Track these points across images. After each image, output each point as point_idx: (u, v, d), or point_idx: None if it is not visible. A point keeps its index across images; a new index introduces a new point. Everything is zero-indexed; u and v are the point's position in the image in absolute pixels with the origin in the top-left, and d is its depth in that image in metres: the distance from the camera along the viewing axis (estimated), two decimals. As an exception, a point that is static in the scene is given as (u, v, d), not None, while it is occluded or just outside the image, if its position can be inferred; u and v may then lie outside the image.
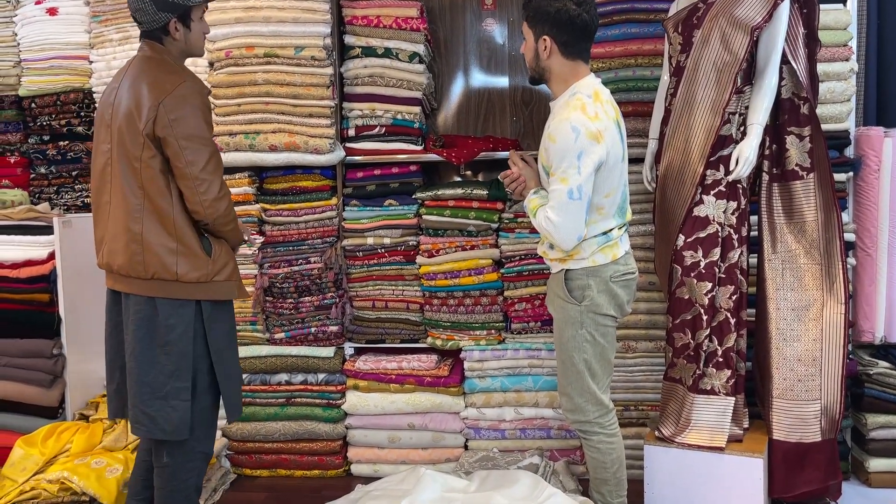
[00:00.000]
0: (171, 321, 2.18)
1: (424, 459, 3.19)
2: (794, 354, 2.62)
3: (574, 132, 2.13)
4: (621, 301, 2.33)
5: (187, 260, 2.17)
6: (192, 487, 2.29)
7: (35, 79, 3.36)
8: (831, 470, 2.64)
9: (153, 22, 2.19)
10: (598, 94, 2.22)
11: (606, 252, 2.28)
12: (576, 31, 2.21)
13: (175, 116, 2.11)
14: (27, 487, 2.75)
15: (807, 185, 2.62)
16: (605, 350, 2.36)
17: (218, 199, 2.17)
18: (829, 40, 2.89)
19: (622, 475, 2.44)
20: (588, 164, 2.14)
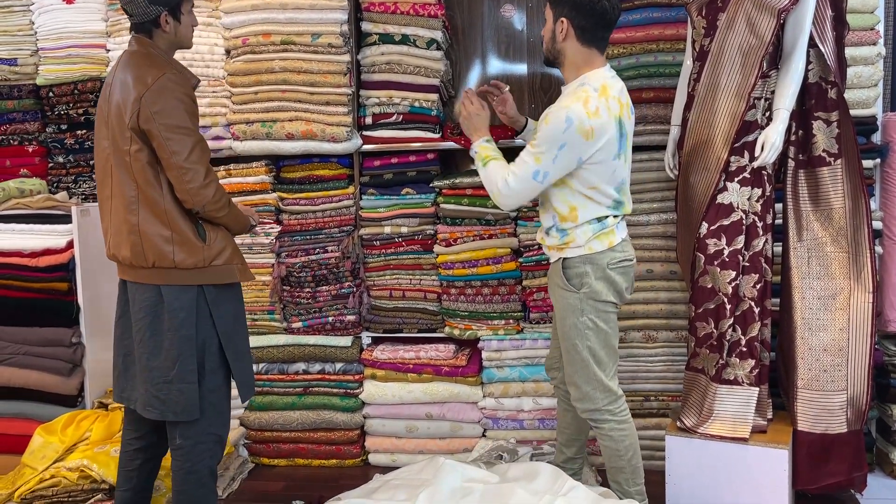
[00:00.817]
0: (175, 306, 2.24)
1: (442, 449, 3.17)
2: (820, 344, 2.57)
3: (567, 123, 2.14)
4: (620, 287, 2.33)
5: (183, 247, 2.24)
6: (206, 470, 2.33)
7: (52, 67, 3.35)
8: (857, 462, 2.59)
9: (144, 15, 2.25)
10: (606, 89, 2.20)
11: (602, 239, 2.29)
12: (595, 16, 2.20)
13: (157, 109, 2.17)
14: (47, 475, 2.76)
15: (834, 172, 2.56)
16: (608, 336, 2.35)
17: (203, 186, 2.20)
18: (856, 24, 2.82)
19: (637, 462, 2.42)
20: (566, 157, 2.17)
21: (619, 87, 2.28)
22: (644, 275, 3.04)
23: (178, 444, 2.32)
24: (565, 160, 2.17)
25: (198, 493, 2.33)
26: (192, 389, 2.26)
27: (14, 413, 3.09)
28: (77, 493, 2.73)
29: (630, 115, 2.31)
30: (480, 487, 2.20)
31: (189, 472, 2.31)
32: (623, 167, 2.30)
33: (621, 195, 2.32)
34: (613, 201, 2.29)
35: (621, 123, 2.23)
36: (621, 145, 2.25)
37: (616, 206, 2.31)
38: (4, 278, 3.10)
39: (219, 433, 2.36)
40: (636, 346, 3.06)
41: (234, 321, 2.36)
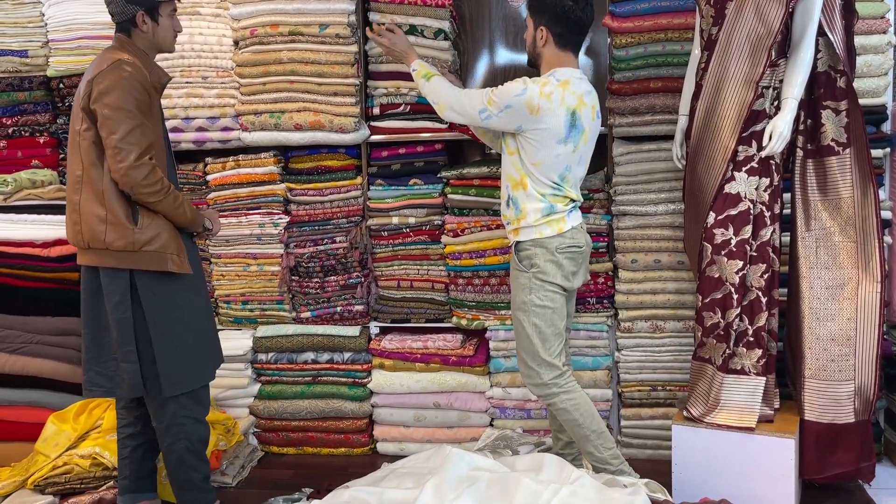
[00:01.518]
0: (111, 289, 2.32)
1: (450, 438, 3.19)
2: (828, 334, 2.57)
3: (520, 91, 2.35)
4: (567, 271, 2.47)
5: (114, 228, 2.29)
6: (184, 449, 2.44)
7: (63, 59, 3.37)
8: (864, 452, 2.59)
9: (122, 14, 2.34)
10: (568, 83, 2.38)
11: (553, 225, 2.45)
12: (570, 24, 2.41)
13: (104, 89, 2.24)
14: (60, 462, 2.80)
15: (843, 161, 2.55)
16: (552, 316, 2.48)
17: (133, 167, 2.23)
18: (866, 12, 2.81)
19: (599, 427, 2.51)
20: (508, 117, 2.38)
21: (585, 89, 2.44)
22: (651, 265, 3.04)
23: (154, 426, 2.47)
24: (506, 119, 2.39)
25: (178, 471, 2.47)
26: (133, 370, 2.34)
27: (27, 401, 3.12)
28: (89, 480, 2.77)
29: (594, 116, 2.48)
30: (487, 476, 2.22)
31: (167, 450, 2.46)
32: (570, 157, 2.43)
33: (564, 183, 2.45)
34: (554, 184, 2.44)
35: (574, 115, 2.38)
36: (571, 135, 2.40)
37: (558, 189, 2.45)
38: (17, 268, 3.13)
39: (192, 414, 2.46)
40: (643, 335, 3.06)
41: (168, 312, 2.36)
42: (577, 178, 2.52)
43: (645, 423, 3.09)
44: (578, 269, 2.53)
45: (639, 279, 3.05)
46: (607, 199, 3.10)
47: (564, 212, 2.47)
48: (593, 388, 3.10)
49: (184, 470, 2.48)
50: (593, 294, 3.11)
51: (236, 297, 3.33)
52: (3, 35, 3.39)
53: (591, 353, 3.12)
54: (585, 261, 2.57)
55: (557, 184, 2.45)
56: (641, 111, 2.99)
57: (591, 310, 3.12)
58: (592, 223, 3.08)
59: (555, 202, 2.45)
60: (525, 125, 2.39)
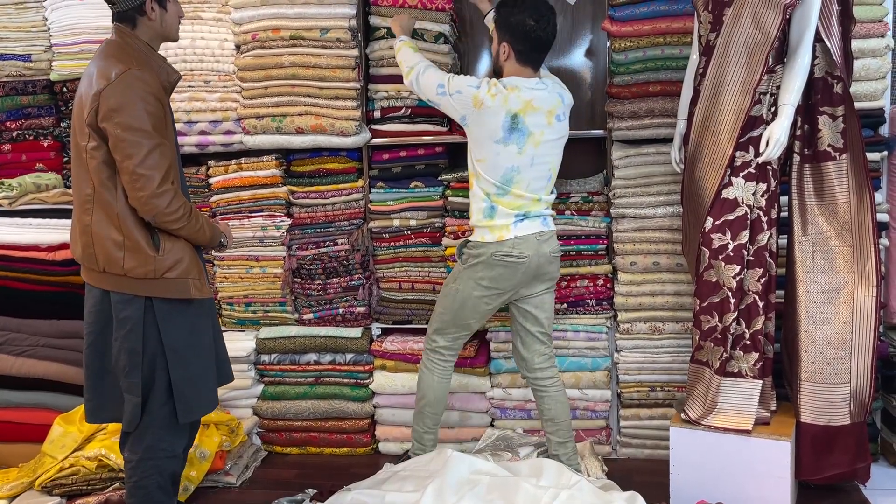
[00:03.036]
0: (122, 316, 2.14)
1: (451, 438, 3.23)
2: (824, 337, 2.60)
3: (475, 82, 2.51)
4: (496, 276, 2.57)
5: (134, 255, 2.11)
6: (154, 485, 2.26)
7: (66, 63, 3.39)
8: (860, 453, 2.62)
9: (129, 1, 2.14)
10: (516, 88, 2.49)
11: (494, 232, 2.56)
12: (529, 42, 2.51)
13: (115, 106, 2.03)
14: (66, 464, 2.84)
15: (839, 167, 2.57)
16: (462, 308, 2.64)
17: (156, 195, 2.06)
18: (865, 16, 2.82)
19: (429, 412, 2.73)
20: (456, 102, 2.52)
21: (539, 96, 2.51)
22: (650, 267, 3.06)
23: (126, 458, 2.27)
24: (454, 104, 2.53)
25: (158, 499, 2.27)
26: (135, 403, 2.17)
27: (34, 403, 3.17)
28: (96, 482, 2.81)
29: (552, 121, 2.54)
30: (487, 479, 2.25)
31: (136, 486, 2.26)
32: (517, 158, 2.51)
33: (512, 185, 2.53)
34: (498, 185, 2.53)
35: (516, 118, 2.48)
36: (512, 137, 2.49)
37: (502, 191, 2.53)
38: (22, 272, 3.17)
39: (169, 450, 2.28)
40: (642, 337, 3.09)
41: (186, 338, 2.22)
42: (531, 180, 2.56)
43: (644, 424, 3.13)
44: (516, 279, 2.57)
45: (638, 281, 3.08)
46: (606, 202, 3.12)
47: (510, 218, 2.54)
48: (593, 388, 3.14)
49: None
50: (593, 296, 3.14)
51: (239, 299, 3.36)
52: (7, 39, 3.42)
53: (590, 354, 3.15)
54: (532, 272, 2.60)
55: (502, 184, 2.53)
56: (640, 115, 3.01)
57: (590, 311, 3.15)
58: (592, 226, 3.11)
59: (498, 203, 2.54)
60: (468, 116, 2.53)
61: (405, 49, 2.73)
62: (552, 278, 2.69)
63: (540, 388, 2.75)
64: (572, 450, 2.74)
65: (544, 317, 2.71)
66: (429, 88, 2.59)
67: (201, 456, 2.89)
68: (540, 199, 2.60)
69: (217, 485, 3.02)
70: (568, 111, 2.66)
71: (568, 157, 3.49)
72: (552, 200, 2.69)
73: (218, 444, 2.96)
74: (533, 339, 2.72)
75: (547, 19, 2.50)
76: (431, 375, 2.74)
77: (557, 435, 2.73)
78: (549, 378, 2.73)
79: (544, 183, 2.61)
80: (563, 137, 2.64)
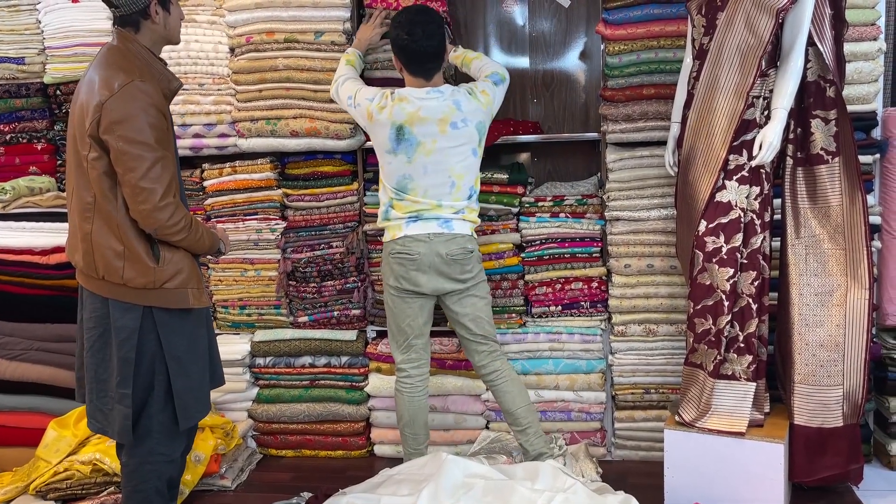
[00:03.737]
0: (119, 324, 2.15)
1: (446, 441, 3.23)
2: (817, 340, 2.61)
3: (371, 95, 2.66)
4: (398, 274, 2.67)
5: (133, 265, 2.12)
6: (152, 490, 2.28)
7: (59, 66, 3.38)
8: (853, 455, 2.64)
9: (133, 5, 2.12)
10: (404, 99, 2.60)
11: (390, 231, 2.70)
12: (406, 55, 2.63)
13: (117, 119, 2.03)
14: (61, 468, 2.83)
15: (832, 170, 2.58)
16: (394, 313, 2.75)
17: (157, 208, 2.07)
18: (857, 19, 2.83)
19: (408, 432, 2.76)
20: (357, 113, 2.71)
21: (431, 106, 2.58)
22: (645, 269, 3.07)
23: (123, 462, 2.28)
24: (357, 115, 2.72)
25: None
26: (126, 414, 2.17)
27: (28, 407, 3.16)
28: (90, 486, 2.81)
29: (445, 130, 2.59)
30: (482, 483, 2.26)
31: (134, 490, 2.27)
32: (407, 167, 2.61)
33: (407, 192, 2.63)
34: (395, 190, 2.65)
35: (402, 130, 2.59)
36: (400, 147, 2.60)
37: (399, 196, 2.65)
38: (16, 276, 3.17)
39: (167, 454, 2.29)
40: (637, 339, 3.10)
41: (186, 345, 2.24)
42: (427, 187, 2.63)
43: (638, 426, 3.14)
44: (412, 276, 2.65)
45: (632, 283, 3.09)
46: (601, 205, 3.13)
47: (402, 220, 2.65)
48: (587, 390, 3.14)
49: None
50: (587, 298, 3.15)
51: (234, 301, 3.36)
52: (0, 42, 3.41)
53: (585, 356, 3.16)
54: (428, 269, 2.64)
55: (398, 190, 2.65)
56: (634, 118, 3.01)
57: (585, 314, 3.16)
58: (586, 228, 3.12)
59: (395, 207, 2.67)
60: (366, 128, 2.71)
61: (342, 61, 2.89)
62: (462, 280, 2.69)
63: (488, 383, 2.82)
64: (534, 434, 2.74)
65: (469, 320, 2.73)
66: (343, 99, 2.76)
67: (196, 459, 2.89)
68: (440, 204, 2.64)
69: (212, 488, 3.02)
70: (474, 116, 2.63)
71: (562, 160, 3.54)
72: (464, 206, 2.68)
73: (213, 447, 2.96)
74: (467, 341, 2.78)
75: (421, 32, 2.57)
76: (401, 396, 2.78)
77: (515, 424, 2.76)
78: (493, 373, 2.77)
79: (446, 189, 2.64)
80: (465, 144, 2.63)
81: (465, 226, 2.69)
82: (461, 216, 2.68)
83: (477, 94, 2.67)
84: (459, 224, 2.68)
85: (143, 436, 2.24)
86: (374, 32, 2.99)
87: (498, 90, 2.73)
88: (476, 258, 2.74)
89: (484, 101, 2.67)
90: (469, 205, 2.70)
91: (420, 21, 2.60)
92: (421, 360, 2.79)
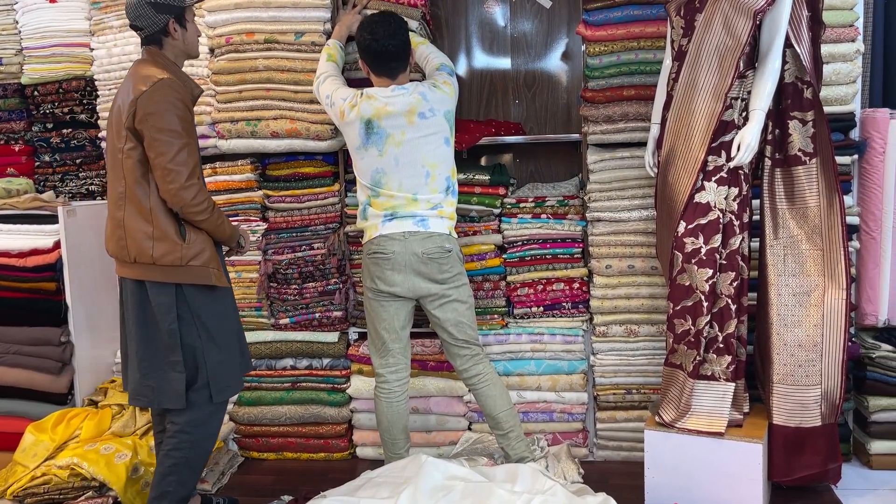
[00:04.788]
0: (158, 301, 2.39)
1: (428, 442, 3.23)
2: (795, 340, 2.62)
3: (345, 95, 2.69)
4: (374, 275, 2.69)
5: (162, 244, 2.37)
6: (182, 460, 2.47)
7: (37, 67, 3.36)
8: (831, 454, 2.65)
9: (153, 25, 2.39)
10: (371, 97, 2.64)
11: (367, 231, 2.73)
12: (370, 56, 2.67)
13: (150, 111, 2.31)
14: (38, 473, 2.80)
15: (809, 171, 2.60)
16: (371, 315, 2.76)
17: (184, 187, 2.33)
18: (835, 20, 2.85)
19: (387, 437, 2.76)
20: (331, 111, 2.74)
21: (397, 101, 2.61)
22: (626, 270, 3.08)
23: (164, 429, 2.51)
24: (331, 113, 2.75)
25: (164, 481, 2.47)
26: (179, 379, 2.41)
27: (5, 411, 3.13)
28: (68, 491, 2.78)
29: (413, 121, 2.61)
30: (461, 485, 2.25)
31: (166, 455, 2.47)
32: (379, 160, 2.63)
33: (381, 188, 2.64)
34: (370, 187, 2.67)
35: (371, 124, 2.62)
36: (370, 141, 2.63)
37: (374, 192, 2.66)
38: (-7, 278, 3.14)
39: (206, 429, 2.50)
40: (618, 340, 3.11)
41: (215, 322, 2.46)
42: (402, 179, 2.63)
43: (620, 426, 3.14)
44: (387, 276, 2.65)
45: (613, 284, 3.10)
46: (582, 206, 3.13)
47: (378, 218, 2.67)
48: (569, 391, 3.15)
49: (169, 481, 2.46)
50: (569, 299, 3.15)
51: (215, 304, 3.34)
52: (-23, 42, 3.39)
53: (566, 357, 3.16)
54: (404, 269, 2.64)
55: (373, 186, 2.66)
56: (615, 119, 3.02)
57: (566, 314, 3.16)
58: (567, 229, 3.12)
59: (372, 205, 2.68)
60: (339, 127, 2.74)
61: (323, 55, 2.89)
62: (441, 280, 2.67)
63: (470, 387, 2.81)
64: (515, 438, 2.74)
65: (451, 325, 2.72)
66: (322, 98, 2.79)
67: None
68: (416, 198, 2.63)
69: (192, 492, 3.00)
70: (441, 105, 2.65)
71: (544, 160, 3.54)
72: (441, 200, 2.67)
73: (193, 450, 2.93)
74: (449, 345, 2.77)
75: (383, 32, 2.61)
76: (379, 401, 2.78)
77: (497, 428, 2.77)
78: (476, 377, 2.76)
79: (421, 181, 2.63)
80: (435, 133, 2.64)
81: (442, 223, 2.68)
82: (437, 212, 2.66)
83: (440, 85, 2.69)
84: (436, 222, 2.67)
85: (186, 407, 2.45)
86: (354, 19, 2.97)
87: (455, 81, 2.77)
88: (455, 258, 2.71)
89: (448, 90, 2.70)
90: (446, 199, 2.69)
91: (382, 21, 2.65)
92: (399, 364, 2.78)
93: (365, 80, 3.13)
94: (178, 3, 2.40)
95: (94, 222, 3.27)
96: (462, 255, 2.81)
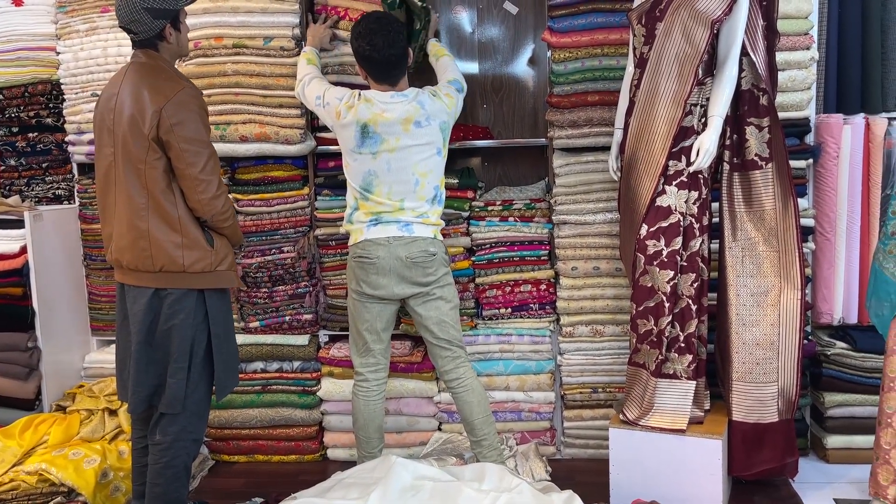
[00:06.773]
0: (175, 308, 2.39)
1: (399, 443, 3.26)
2: (753, 339, 2.71)
3: (340, 95, 2.69)
4: (359, 278, 2.71)
5: (192, 252, 2.38)
6: (182, 465, 2.48)
7: (2, 70, 3.33)
8: (788, 449, 2.74)
9: (150, 31, 2.35)
10: (369, 101, 2.65)
11: (353, 234, 2.73)
12: (368, 63, 2.67)
13: (176, 121, 2.30)
14: (6, 479, 2.78)
15: (766, 175, 2.69)
16: (353, 316, 2.78)
17: (215, 197, 2.37)
18: (790, 29, 2.94)
19: (362, 435, 2.80)
20: (325, 112, 2.72)
21: (395, 108, 2.62)
22: (591, 272, 3.15)
23: (157, 440, 2.47)
24: (325, 114, 2.73)
25: (171, 487, 2.48)
26: (180, 385, 2.41)
27: (-29, 417, 3.11)
28: (36, 497, 2.76)
29: (408, 128, 2.62)
30: (430, 485, 2.29)
31: (166, 466, 2.46)
32: (372, 163, 2.64)
33: (372, 192, 2.66)
34: (360, 190, 2.68)
35: (366, 128, 2.63)
36: (364, 144, 2.64)
37: (364, 196, 2.67)
38: (-42, 284, 3.11)
39: (196, 434, 2.52)
40: (584, 340, 3.17)
41: (225, 324, 2.52)
42: (391, 184, 2.64)
43: (587, 424, 3.21)
44: (372, 280, 2.67)
45: (579, 286, 3.16)
46: (548, 209, 3.19)
47: (364, 223, 2.68)
48: (537, 390, 3.21)
49: (176, 487, 2.49)
50: (536, 300, 3.21)
51: (184, 308, 3.34)
52: (-60, 46, 3.34)
53: (534, 357, 3.22)
54: (388, 273, 2.66)
55: (363, 190, 2.67)
56: (580, 124, 3.08)
57: (534, 315, 3.22)
58: (534, 232, 3.18)
59: (360, 208, 2.69)
60: (333, 127, 2.72)
61: (302, 60, 2.90)
62: (425, 284, 2.68)
63: (449, 389, 2.82)
64: (488, 447, 2.75)
65: (434, 324, 2.73)
66: (310, 99, 2.78)
67: (146, 467, 2.86)
68: (403, 207, 2.65)
69: (163, 496, 3.00)
70: (437, 116, 2.67)
71: (511, 164, 3.60)
72: (427, 209, 2.69)
73: (163, 455, 2.93)
74: (431, 345, 2.79)
75: (382, 41, 2.59)
76: (357, 399, 2.81)
77: (471, 434, 2.79)
78: (456, 380, 2.78)
79: (410, 188, 2.65)
80: (429, 143, 2.66)
81: (426, 229, 2.69)
82: (422, 220, 2.68)
83: (441, 95, 2.71)
84: (420, 227, 2.68)
85: (179, 414, 2.45)
86: (325, 33, 3.03)
87: (460, 98, 2.78)
88: (440, 261, 2.72)
89: (448, 102, 2.71)
90: (432, 208, 2.70)
91: (380, 30, 2.61)
92: (379, 364, 2.80)
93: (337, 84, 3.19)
94: (173, 7, 2.36)
95: (60, 227, 3.25)
96: (448, 257, 2.81)
